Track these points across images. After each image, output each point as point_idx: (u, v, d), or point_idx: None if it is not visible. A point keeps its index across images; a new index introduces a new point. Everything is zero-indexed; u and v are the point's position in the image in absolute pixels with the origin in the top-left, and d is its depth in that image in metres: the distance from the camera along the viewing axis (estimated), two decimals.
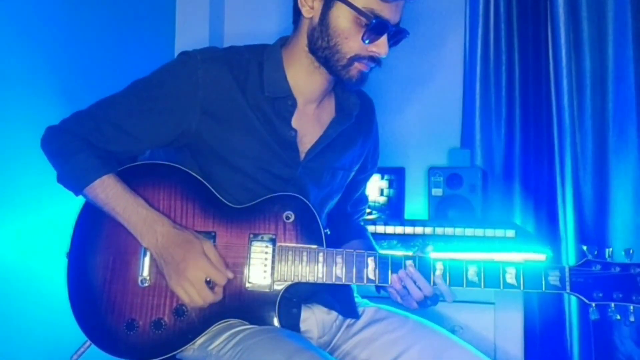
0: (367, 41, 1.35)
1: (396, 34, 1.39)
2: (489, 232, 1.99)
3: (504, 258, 1.38)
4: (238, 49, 1.48)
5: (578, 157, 2.37)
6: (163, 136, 1.43)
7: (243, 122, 1.42)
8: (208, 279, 1.33)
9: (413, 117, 2.61)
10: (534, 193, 2.45)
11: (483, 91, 2.49)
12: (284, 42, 1.49)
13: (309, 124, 1.49)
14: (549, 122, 2.40)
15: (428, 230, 2.06)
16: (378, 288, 1.47)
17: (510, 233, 1.98)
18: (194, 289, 1.31)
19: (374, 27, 1.33)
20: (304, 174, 1.46)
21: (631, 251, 1.33)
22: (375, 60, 1.39)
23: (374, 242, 1.60)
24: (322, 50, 1.38)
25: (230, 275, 1.35)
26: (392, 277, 1.36)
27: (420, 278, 1.35)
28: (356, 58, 1.37)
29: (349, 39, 1.35)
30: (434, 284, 1.36)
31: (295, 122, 1.45)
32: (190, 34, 2.63)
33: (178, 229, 1.36)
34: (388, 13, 1.34)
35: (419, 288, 1.36)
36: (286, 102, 1.44)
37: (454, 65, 2.58)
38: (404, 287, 1.37)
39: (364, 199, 1.76)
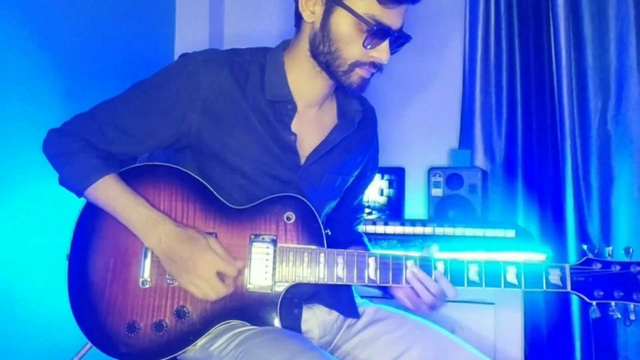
0: (368, 47, 1.33)
1: (398, 40, 1.37)
2: (489, 232, 1.99)
3: (504, 258, 1.38)
4: (239, 51, 1.48)
5: (580, 157, 2.37)
6: (164, 137, 1.43)
7: (243, 123, 1.42)
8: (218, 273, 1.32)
9: (413, 117, 2.61)
10: (534, 193, 2.44)
11: (483, 91, 2.49)
12: (286, 45, 1.48)
13: (310, 128, 1.48)
14: (551, 122, 2.40)
15: (428, 230, 2.06)
16: (386, 295, 1.48)
17: (510, 233, 1.98)
18: (206, 284, 1.31)
19: (375, 33, 1.32)
20: (304, 177, 1.46)
21: (631, 250, 1.34)
22: (376, 66, 1.38)
23: (371, 249, 1.60)
24: (324, 55, 1.37)
25: (240, 265, 1.36)
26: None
27: (426, 278, 1.36)
28: (357, 64, 1.36)
29: (350, 45, 1.34)
30: (435, 280, 1.36)
31: (295, 127, 1.45)
32: (190, 35, 2.64)
33: (180, 227, 1.36)
34: (389, 19, 1.32)
35: (427, 288, 1.36)
36: (286, 107, 1.44)
37: (454, 65, 2.58)
38: (412, 289, 1.37)
39: (361, 207, 1.76)
